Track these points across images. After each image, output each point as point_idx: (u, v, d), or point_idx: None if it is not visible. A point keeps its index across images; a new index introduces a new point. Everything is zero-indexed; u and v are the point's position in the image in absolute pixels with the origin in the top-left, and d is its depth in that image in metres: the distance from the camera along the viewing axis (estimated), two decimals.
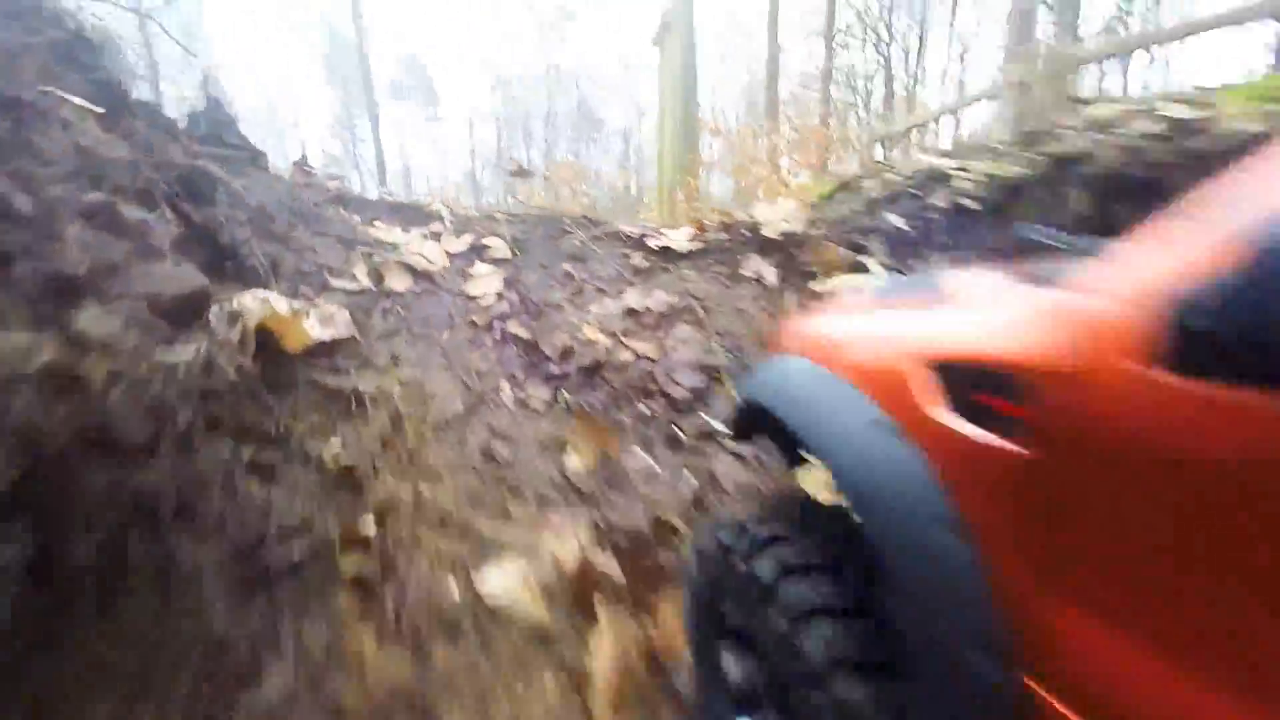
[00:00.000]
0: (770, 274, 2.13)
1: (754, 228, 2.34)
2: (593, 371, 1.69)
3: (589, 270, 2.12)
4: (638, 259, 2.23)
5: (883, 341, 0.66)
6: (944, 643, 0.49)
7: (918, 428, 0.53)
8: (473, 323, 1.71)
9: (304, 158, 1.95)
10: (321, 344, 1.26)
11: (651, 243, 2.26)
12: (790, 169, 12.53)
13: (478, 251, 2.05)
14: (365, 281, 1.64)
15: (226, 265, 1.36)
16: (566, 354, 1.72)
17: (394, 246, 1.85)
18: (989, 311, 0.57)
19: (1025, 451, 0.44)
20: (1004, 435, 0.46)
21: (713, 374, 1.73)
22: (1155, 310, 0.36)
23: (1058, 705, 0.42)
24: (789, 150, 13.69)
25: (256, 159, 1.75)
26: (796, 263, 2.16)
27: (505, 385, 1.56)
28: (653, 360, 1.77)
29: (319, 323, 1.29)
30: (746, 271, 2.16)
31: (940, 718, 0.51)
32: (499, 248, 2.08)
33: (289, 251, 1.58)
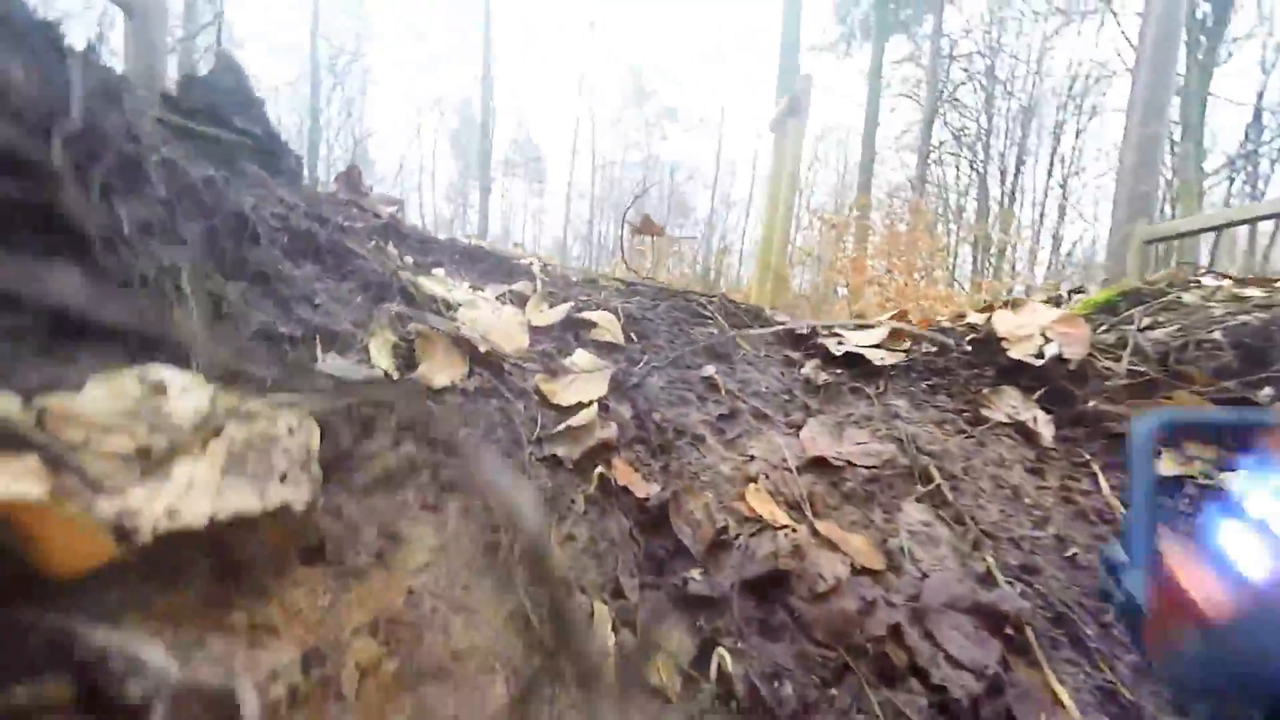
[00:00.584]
0: (1044, 423, 1.23)
1: (988, 340, 1.47)
2: (769, 592, 0.82)
3: (740, 379, 1.31)
4: (810, 368, 1.39)
5: None
6: None
7: None
8: (554, 460, 0.90)
9: (354, 168, 1.33)
10: (190, 537, 0.48)
11: (832, 346, 1.43)
12: (888, 269, 11.74)
13: (575, 330, 1.29)
14: (384, 364, 0.89)
15: (92, 319, 0.64)
16: (719, 544, 0.88)
17: (450, 308, 1.12)
18: None
19: None
20: None
21: (1010, 634, 0.82)
22: None
23: None
24: (881, 253, 12.98)
25: (276, 157, 1.11)
26: (1082, 410, 1.25)
27: (602, 616, 0.72)
28: (877, 578, 0.88)
29: (204, 482, 0.53)
30: (997, 414, 1.27)
31: None
32: (607, 326, 1.32)
33: (263, 297, 0.86)
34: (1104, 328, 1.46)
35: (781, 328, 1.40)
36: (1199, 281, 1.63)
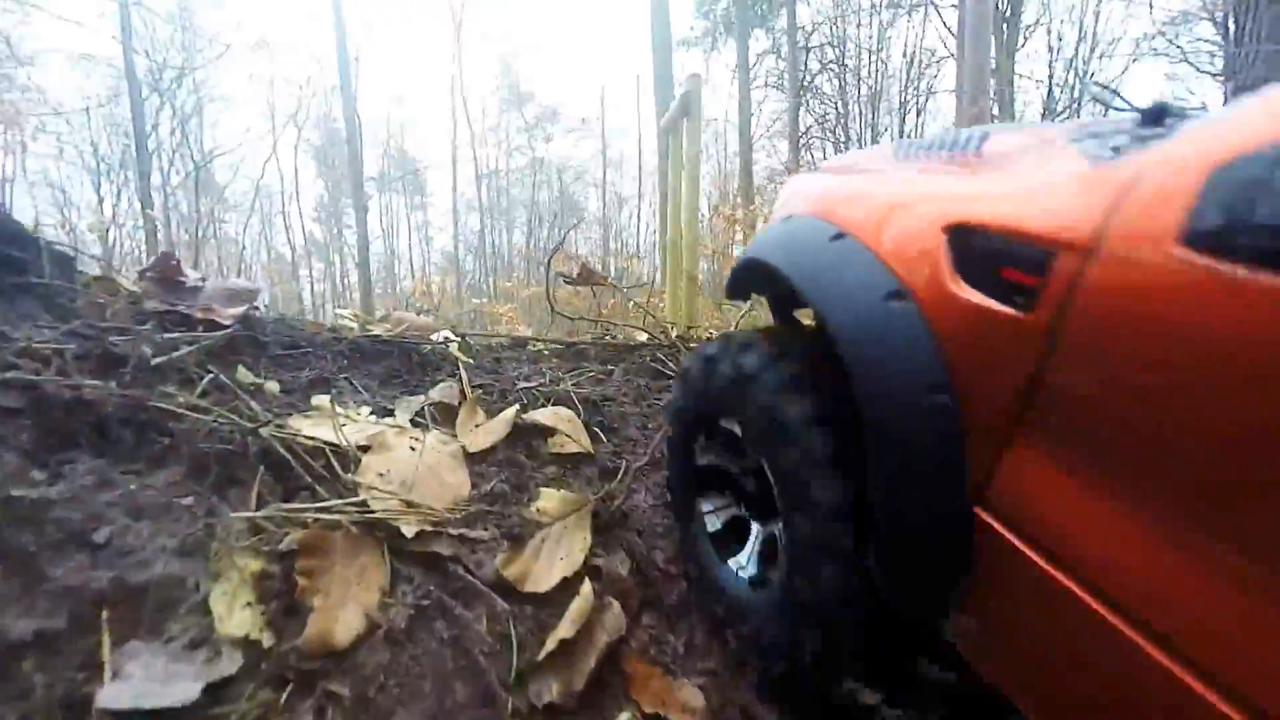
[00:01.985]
0: None
1: None
2: None
3: None
4: None
5: (906, 203, 0.57)
6: (912, 477, 0.49)
7: (929, 297, 0.49)
8: (550, 712, 0.58)
9: (166, 256, 0.88)
10: None
11: None
12: None
13: (527, 443, 0.95)
14: (240, 630, 0.52)
15: None
16: None
17: (348, 460, 0.74)
18: (1017, 174, 0.50)
19: (1031, 317, 0.41)
20: (1012, 302, 0.43)
21: None
22: (1197, 187, 0.33)
23: (1006, 534, 0.44)
24: None
25: (14, 268, 0.66)
26: None
27: None
28: None
29: None
30: None
31: (898, 535, 0.51)
32: (567, 430, 1.00)
33: None
34: None
35: None
36: None
